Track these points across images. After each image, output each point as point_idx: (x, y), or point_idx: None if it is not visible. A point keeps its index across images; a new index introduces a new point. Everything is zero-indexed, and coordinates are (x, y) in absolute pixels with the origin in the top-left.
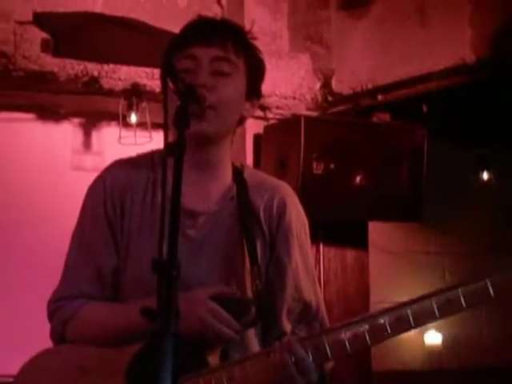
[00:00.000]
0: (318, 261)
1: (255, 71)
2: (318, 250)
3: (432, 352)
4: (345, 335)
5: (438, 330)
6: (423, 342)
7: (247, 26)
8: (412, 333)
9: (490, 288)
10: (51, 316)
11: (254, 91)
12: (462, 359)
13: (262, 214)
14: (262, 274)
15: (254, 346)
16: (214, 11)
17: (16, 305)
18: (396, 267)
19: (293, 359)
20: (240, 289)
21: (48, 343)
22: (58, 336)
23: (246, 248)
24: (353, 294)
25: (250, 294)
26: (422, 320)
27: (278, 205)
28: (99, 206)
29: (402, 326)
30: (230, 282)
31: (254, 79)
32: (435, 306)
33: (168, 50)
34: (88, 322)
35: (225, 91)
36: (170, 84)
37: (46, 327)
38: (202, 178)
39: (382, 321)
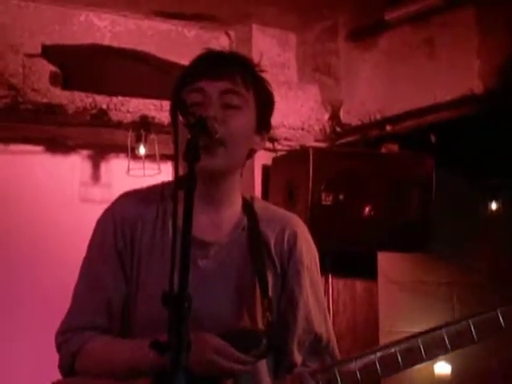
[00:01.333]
0: (327, 292)
1: (265, 104)
2: (326, 281)
3: (441, 383)
4: (356, 367)
5: (448, 360)
6: (433, 373)
7: (255, 58)
8: (422, 363)
9: (501, 319)
10: (59, 347)
11: (263, 124)
12: None
13: (272, 246)
14: (272, 306)
15: (265, 377)
16: (222, 42)
17: (24, 339)
18: (405, 297)
19: None
20: (251, 320)
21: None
22: (68, 368)
23: (257, 280)
24: (362, 325)
25: (261, 325)
26: (434, 352)
27: (288, 237)
28: (109, 237)
29: (414, 357)
30: (241, 313)
31: (263, 112)
32: (446, 339)
33: (177, 84)
34: (98, 356)
35: (235, 124)
36: (180, 117)
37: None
38: (213, 210)
39: (393, 352)
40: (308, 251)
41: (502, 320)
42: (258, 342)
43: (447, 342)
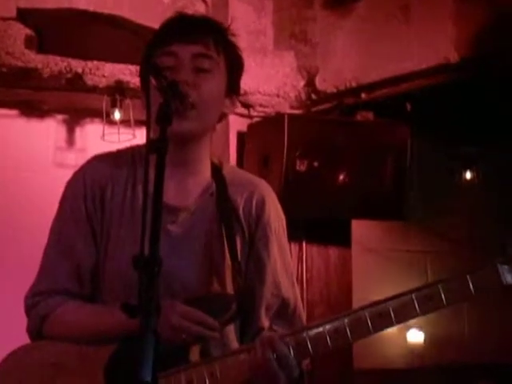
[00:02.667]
0: (300, 259)
1: (235, 68)
2: (300, 248)
3: (414, 350)
4: (326, 331)
5: (420, 328)
6: (405, 340)
7: (231, 24)
8: (394, 331)
9: (471, 284)
10: (28, 311)
11: (233, 88)
12: (443, 357)
13: (241, 211)
14: (241, 270)
15: (233, 341)
16: (199, 8)
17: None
18: (379, 265)
19: (274, 355)
20: (220, 285)
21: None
22: (36, 332)
23: (226, 244)
24: (335, 292)
25: (230, 290)
26: (403, 316)
27: (257, 202)
28: (79, 200)
29: (383, 321)
30: (210, 278)
31: (233, 76)
32: (416, 303)
33: (148, 48)
34: (67, 320)
35: (206, 88)
36: (153, 81)
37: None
38: (182, 175)
39: (363, 316)
40: (276, 216)
41: (471, 285)
42: (227, 306)
43: (417, 306)
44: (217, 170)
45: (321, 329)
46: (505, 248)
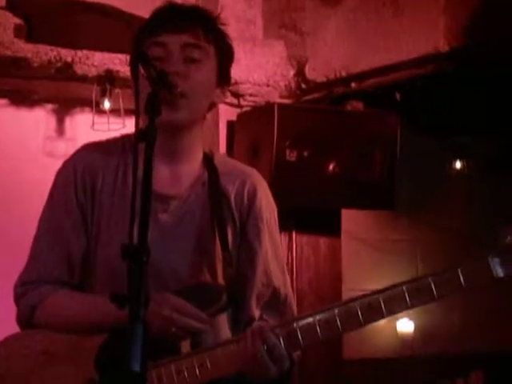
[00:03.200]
0: (290, 248)
1: (225, 57)
2: (290, 238)
3: (404, 340)
4: (316, 322)
5: (411, 317)
6: (395, 330)
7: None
8: (384, 321)
9: (461, 277)
10: (18, 300)
11: (224, 77)
12: (433, 347)
13: (232, 201)
14: (232, 260)
15: (225, 331)
16: None
17: None
18: (368, 255)
19: (265, 346)
20: (211, 275)
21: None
22: (26, 321)
23: (217, 234)
24: (325, 282)
25: (221, 280)
26: (394, 309)
27: (248, 191)
28: (69, 189)
29: (374, 313)
30: (201, 267)
31: (223, 65)
32: (407, 295)
33: (137, 37)
34: (58, 310)
35: (196, 78)
36: (142, 70)
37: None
38: (174, 164)
39: (353, 308)
40: (267, 206)
41: (461, 278)
42: (217, 297)
43: (407, 299)
44: (208, 160)
45: (311, 320)
46: (496, 240)
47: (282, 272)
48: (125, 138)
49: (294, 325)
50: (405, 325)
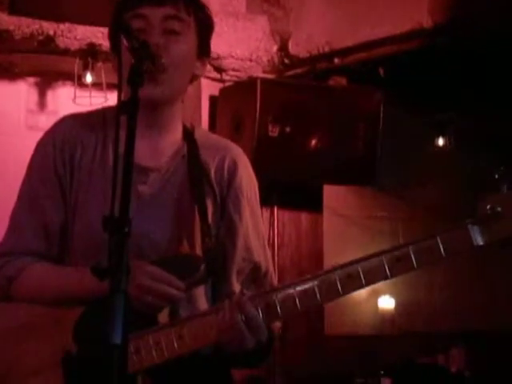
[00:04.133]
0: (272, 224)
1: (205, 29)
2: (272, 213)
3: (385, 316)
4: (295, 292)
5: (391, 294)
6: (376, 307)
7: None
8: (365, 297)
9: (441, 245)
10: None
11: (204, 50)
12: (414, 324)
13: (212, 175)
14: (211, 233)
15: (203, 304)
16: None
17: None
18: (350, 231)
19: (243, 317)
20: (190, 246)
21: None
22: (2, 293)
23: (196, 206)
24: (307, 258)
25: (199, 251)
26: (373, 278)
27: (228, 166)
28: (48, 160)
29: (353, 283)
30: (180, 239)
31: (204, 37)
32: (386, 265)
33: (117, 9)
34: (35, 282)
35: (177, 50)
36: (124, 42)
37: None
38: (154, 136)
39: (332, 277)
40: (248, 180)
41: (441, 246)
42: (196, 267)
43: (387, 268)
44: (188, 133)
45: (290, 290)
46: (475, 209)
47: (262, 247)
48: (106, 110)
49: (273, 295)
50: (386, 301)
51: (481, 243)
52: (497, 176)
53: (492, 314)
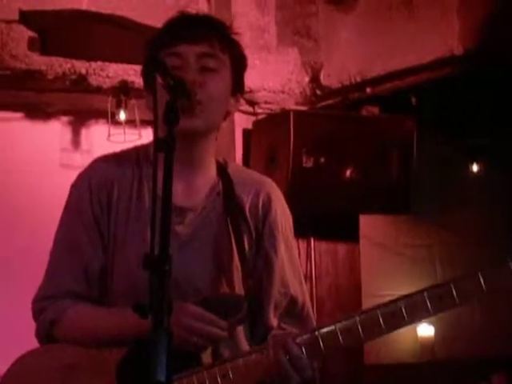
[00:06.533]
0: (309, 255)
1: (239, 66)
2: (308, 245)
3: (425, 344)
4: (338, 330)
5: (431, 322)
6: (416, 335)
7: (234, 21)
8: (404, 327)
9: (483, 282)
10: (37, 316)
11: (238, 86)
12: (454, 351)
13: (247, 210)
14: (250, 271)
15: (243, 340)
16: (201, 7)
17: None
18: (387, 260)
19: (287, 356)
20: (229, 286)
21: (30, 342)
22: (45, 336)
23: (234, 244)
24: (345, 288)
25: (238, 290)
26: (416, 316)
27: (263, 200)
28: (85, 203)
29: (396, 321)
30: (219, 278)
31: (238, 74)
32: (428, 302)
33: (152, 46)
34: (77, 323)
35: (213, 87)
36: (159, 79)
37: (27, 328)
38: (189, 174)
39: (375, 316)
40: (282, 214)
41: (483, 283)
42: (238, 307)
43: (429, 306)
44: (222, 169)
45: (333, 328)
46: None
47: (298, 280)
48: (139, 148)
49: (316, 334)
50: (425, 329)
51: None
52: None
53: None
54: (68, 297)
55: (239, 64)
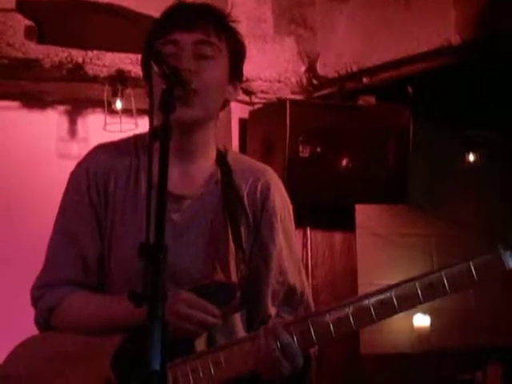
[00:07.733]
0: (305, 245)
1: (237, 54)
2: (304, 234)
3: (421, 334)
4: (330, 319)
5: (427, 312)
6: (411, 325)
7: (232, 10)
8: (400, 316)
9: (474, 271)
10: (36, 302)
11: (236, 74)
12: (450, 341)
13: (246, 198)
14: (246, 258)
15: (240, 329)
16: None
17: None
18: (383, 250)
19: (278, 344)
20: (225, 273)
21: (30, 330)
22: (44, 323)
23: (230, 232)
24: (341, 277)
25: (234, 278)
26: (407, 304)
27: (262, 189)
28: (83, 191)
29: (387, 310)
30: (214, 266)
31: (236, 62)
32: (419, 291)
33: (149, 36)
34: (75, 311)
35: (209, 75)
36: (155, 68)
37: (27, 314)
38: (187, 162)
39: (366, 304)
40: (281, 202)
41: (474, 272)
42: (231, 295)
43: (420, 294)
44: (221, 157)
45: (324, 317)
46: (508, 232)
47: (297, 269)
48: (137, 137)
49: (308, 322)
50: (421, 319)
51: None
52: None
53: None
54: (66, 284)
55: (237, 52)
